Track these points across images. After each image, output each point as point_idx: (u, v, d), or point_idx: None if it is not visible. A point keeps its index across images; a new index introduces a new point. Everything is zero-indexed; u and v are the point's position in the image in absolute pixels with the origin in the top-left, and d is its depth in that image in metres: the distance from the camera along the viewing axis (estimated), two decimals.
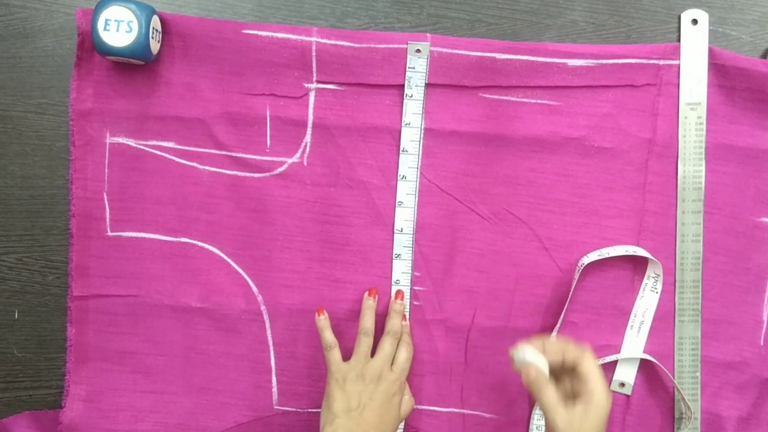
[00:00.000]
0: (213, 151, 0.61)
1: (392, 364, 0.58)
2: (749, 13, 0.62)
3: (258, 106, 0.60)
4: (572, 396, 0.52)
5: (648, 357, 0.61)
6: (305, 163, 0.61)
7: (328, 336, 0.59)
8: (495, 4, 0.61)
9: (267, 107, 0.60)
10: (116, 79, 0.60)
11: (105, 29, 0.55)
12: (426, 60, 0.59)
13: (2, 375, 0.63)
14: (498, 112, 0.60)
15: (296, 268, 0.61)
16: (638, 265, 0.62)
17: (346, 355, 0.59)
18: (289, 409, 0.63)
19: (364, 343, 0.58)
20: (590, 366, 0.51)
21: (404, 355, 0.59)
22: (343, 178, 0.61)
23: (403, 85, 0.60)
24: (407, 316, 0.61)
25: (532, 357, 0.52)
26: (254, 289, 0.62)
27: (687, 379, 0.61)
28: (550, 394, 0.51)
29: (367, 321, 0.59)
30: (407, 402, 0.59)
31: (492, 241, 0.62)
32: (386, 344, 0.58)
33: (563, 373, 0.53)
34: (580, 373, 0.51)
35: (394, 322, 0.59)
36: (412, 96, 0.60)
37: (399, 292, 0.61)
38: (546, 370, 0.52)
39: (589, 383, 0.50)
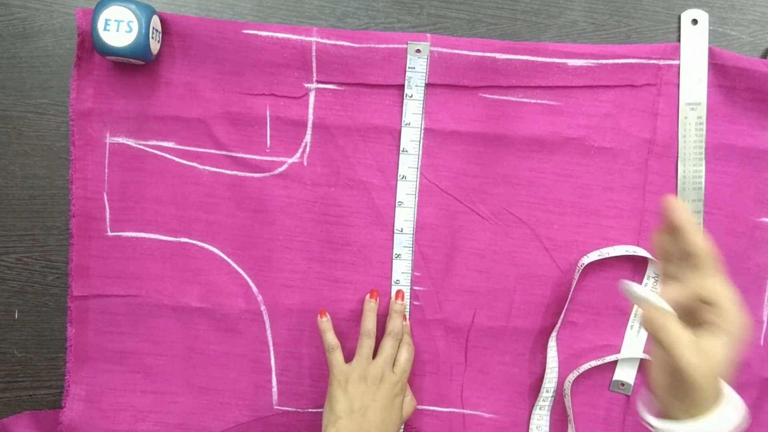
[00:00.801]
0: (213, 151, 0.61)
1: (394, 365, 0.58)
2: (749, 13, 0.62)
3: (258, 106, 0.60)
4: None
5: (648, 357, 0.61)
6: (305, 163, 0.61)
7: (330, 338, 0.59)
8: (495, 4, 0.61)
9: (267, 107, 0.60)
10: (116, 79, 0.60)
11: (105, 29, 0.55)
12: (426, 60, 0.59)
13: (2, 375, 0.63)
14: (498, 112, 0.60)
15: (296, 268, 0.61)
16: (638, 265, 0.61)
17: (348, 356, 0.59)
18: (290, 409, 0.63)
19: (366, 344, 0.58)
20: (717, 285, 0.41)
21: (405, 356, 0.59)
22: (343, 178, 0.61)
23: (403, 85, 0.60)
24: (407, 316, 0.61)
25: (646, 293, 0.43)
26: (254, 289, 0.62)
27: None
28: (676, 328, 0.41)
29: (369, 323, 0.59)
30: (409, 403, 0.59)
31: (492, 241, 0.62)
32: (387, 345, 0.58)
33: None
34: (706, 296, 0.42)
35: (394, 323, 0.59)
36: (412, 96, 0.60)
37: (399, 292, 0.61)
38: (666, 307, 0.42)
39: (719, 303, 0.41)
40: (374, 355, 0.59)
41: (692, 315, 0.42)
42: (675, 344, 0.40)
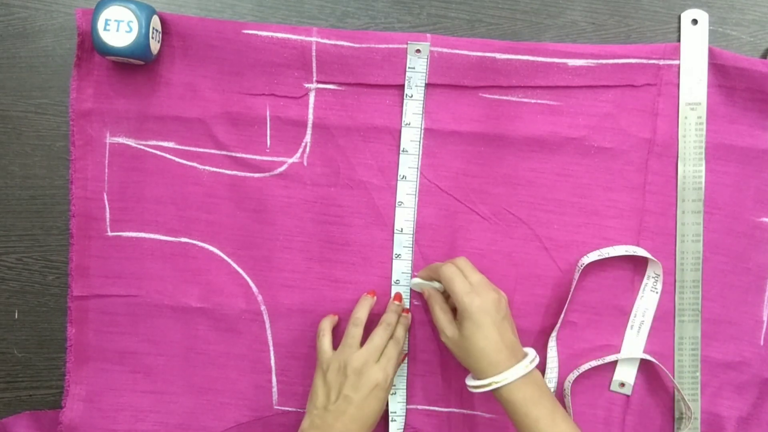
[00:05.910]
0: (213, 151, 0.61)
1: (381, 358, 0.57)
2: (749, 13, 0.62)
3: (258, 106, 0.60)
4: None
5: (648, 357, 0.61)
6: (305, 163, 0.61)
7: (323, 324, 0.59)
8: (495, 4, 0.61)
9: (267, 107, 0.60)
10: (116, 79, 0.60)
11: (105, 29, 0.55)
12: (426, 60, 0.59)
13: (2, 375, 0.63)
14: (498, 112, 0.60)
15: (296, 268, 0.61)
16: (638, 265, 0.62)
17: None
18: (289, 409, 0.63)
19: (352, 333, 0.57)
20: (446, 274, 0.55)
21: (391, 351, 0.57)
22: (343, 178, 0.61)
23: (403, 85, 0.60)
24: (409, 309, 0.61)
25: (426, 283, 0.59)
26: (254, 289, 0.62)
27: (687, 379, 0.61)
28: (437, 309, 0.56)
29: (359, 311, 0.59)
30: (401, 355, 0.60)
31: (492, 241, 0.62)
32: (376, 336, 0.57)
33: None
34: (447, 288, 0.55)
35: (389, 315, 0.59)
36: (412, 96, 0.60)
37: (398, 295, 0.61)
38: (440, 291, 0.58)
39: (453, 293, 0.54)
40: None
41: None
42: (438, 323, 0.56)
